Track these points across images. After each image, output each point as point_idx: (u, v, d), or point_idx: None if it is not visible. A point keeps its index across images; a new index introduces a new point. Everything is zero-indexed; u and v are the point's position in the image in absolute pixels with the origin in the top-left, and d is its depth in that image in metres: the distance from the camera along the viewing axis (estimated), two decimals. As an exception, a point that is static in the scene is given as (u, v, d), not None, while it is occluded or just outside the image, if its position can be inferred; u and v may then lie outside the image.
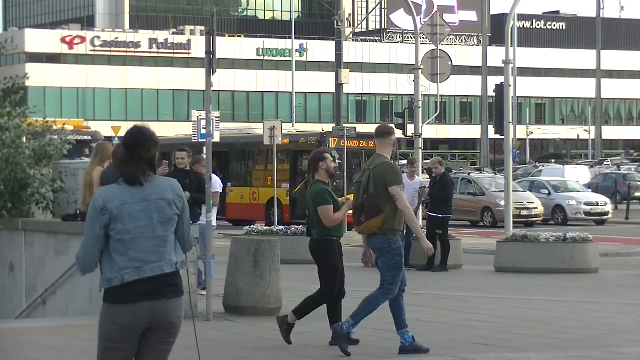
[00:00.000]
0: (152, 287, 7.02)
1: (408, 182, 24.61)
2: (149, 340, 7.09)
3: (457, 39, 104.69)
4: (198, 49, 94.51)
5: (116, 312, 7.00)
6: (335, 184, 12.56)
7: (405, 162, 36.69)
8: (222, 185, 21.17)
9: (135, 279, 6.99)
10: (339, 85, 50.50)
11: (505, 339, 13.81)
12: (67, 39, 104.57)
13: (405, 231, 24.17)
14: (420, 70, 32.81)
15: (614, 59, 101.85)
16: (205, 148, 17.87)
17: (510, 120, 29.32)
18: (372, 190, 12.13)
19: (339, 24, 56.17)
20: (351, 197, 14.17)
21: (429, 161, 29.14)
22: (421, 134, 32.03)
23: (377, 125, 13.50)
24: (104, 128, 59.85)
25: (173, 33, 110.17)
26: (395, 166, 13.11)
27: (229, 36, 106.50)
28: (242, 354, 12.87)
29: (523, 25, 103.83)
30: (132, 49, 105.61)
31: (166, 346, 7.17)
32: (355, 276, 20.60)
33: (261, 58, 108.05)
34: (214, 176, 18.77)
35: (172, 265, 7.07)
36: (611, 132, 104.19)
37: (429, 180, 25.64)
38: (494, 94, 31.89)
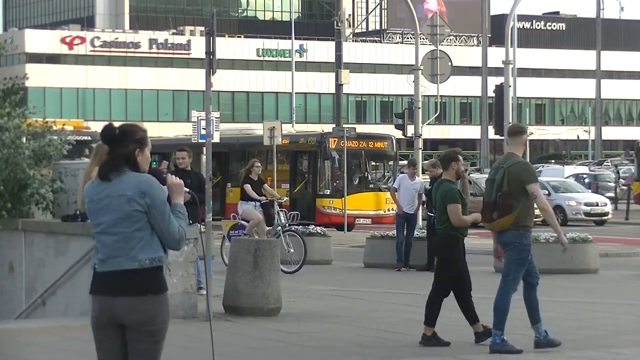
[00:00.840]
0: (112, 282, 6.99)
1: (409, 183, 24.68)
2: (128, 339, 7.04)
3: (456, 39, 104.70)
4: (198, 49, 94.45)
5: (92, 303, 7.08)
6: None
7: (405, 162, 36.65)
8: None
9: (100, 271, 7.02)
10: (338, 86, 50.56)
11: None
12: (67, 40, 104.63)
13: (405, 232, 24.27)
14: (420, 71, 32.85)
15: (613, 59, 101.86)
16: (205, 148, 17.89)
17: (510, 121, 29.37)
18: (506, 188, 12.25)
19: (339, 24, 56.21)
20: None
21: (425, 163, 29.14)
22: (421, 135, 32.07)
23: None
24: (103, 128, 59.79)
25: (173, 33, 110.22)
26: (530, 165, 13.35)
27: (228, 37, 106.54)
28: (242, 354, 12.87)
29: (523, 26, 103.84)
30: (132, 50, 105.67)
31: (145, 345, 7.04)
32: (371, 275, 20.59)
33: (261, 58, 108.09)
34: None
35: (135, 261, 6.96)
36: (611, 133, 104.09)
37: (430, 180, 25.67)
38: (493, 95, 31.99)
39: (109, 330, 7.02)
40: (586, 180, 55.18)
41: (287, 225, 22.67)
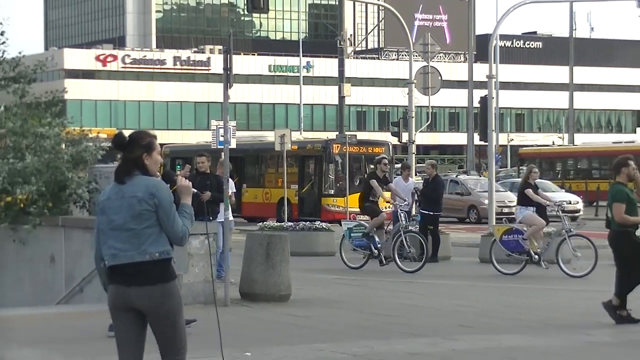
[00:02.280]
0: (126, 273, 7.05)
1: (403, 184, 24.66)
2: (149, 324, 7.12)
3: (446, 56, 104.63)
4: (217, 65, 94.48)
5: (108, 291, 7.14)
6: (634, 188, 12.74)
7: (400, 165, 36.68)
8: (234, 190, 21.03)
9: (112, 264, 7.07)
10: (341, 98, 50.51)
11: (488, 323, 13.81)
12: (101, 57, 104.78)
13: (399, 227, 24.25)
14: (414, 84, 32.82)
15: (584, 74, 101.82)
16: (223, 153, 17.89)
17: (493, 129, 29.33)
18: None
19: (341, 43, 56.13)
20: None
21: (424, 164, 29.13)
22: (414, 141, 32.03)
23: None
24: (133, 136, 59.84)
25: (194, 52, 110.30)
26: None
27: (244, 54, 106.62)
28: (257, 334, 12.88)
29: (504, 44, 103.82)
30: (158, 66, 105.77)
31: (163, 328, 7.09)
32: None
33: (272, 74, 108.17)
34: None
35: (146, 254, 7.01)
36: (582, 139, 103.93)
37: (422, 181, 25.69)
38: (478, 105, 31.85)
39: (124, 315, 7.08)
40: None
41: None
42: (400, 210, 24.19)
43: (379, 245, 20.24)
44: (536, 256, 19.75)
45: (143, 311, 7.04)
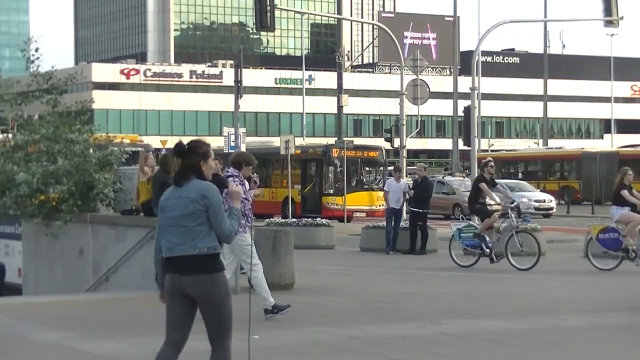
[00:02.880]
0: (180, 264, 7.19)
1: (395, 184, 24.68)
2: (200, 310, 7.27)
3: (433, 70, 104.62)
4: (228, 78, 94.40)
5: (166, 279, 7.29)
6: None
7: (392, 168, 36.65)
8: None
9: (168, 256, 7.22)
10: (339, 107, 50.58)
11: (471, 309, 13.80)
12: (125, 71, 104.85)
13: (393, 222, 24.27)
14: (405, 95, 32.81)
15: (557, 86, 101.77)
16: (234, 157, 17.88)
17: (476, 135, 29.35)
18: None
19: (340, 58, 56.13)
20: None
21: (415, 166, 29.10)
22: (405, 146, 32.02)
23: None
24: (153, 141, 59.89)
25: (209, 66, 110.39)
26: None
27: (252, 68, 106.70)
28: (264, 319, 12.87)
29: (485, 60, 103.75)
30: (176, 79, 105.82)
31: (210, 312, 7.24)
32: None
33: (278, 86, 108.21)
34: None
35: (196, 249, 7.13)
36: (556, 144, 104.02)
37: (412, 182, 25.66)
38: (462, 114, 31.89)
39: (179, 300, 7.22)
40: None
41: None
42: (393, 207, 24.22)
43: (490, 245, 19.24)
44: (633, 253, 18.68)
45: (193, 297, 7.20)
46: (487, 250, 19.25)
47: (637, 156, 52.51)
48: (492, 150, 59.92)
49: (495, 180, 20.07)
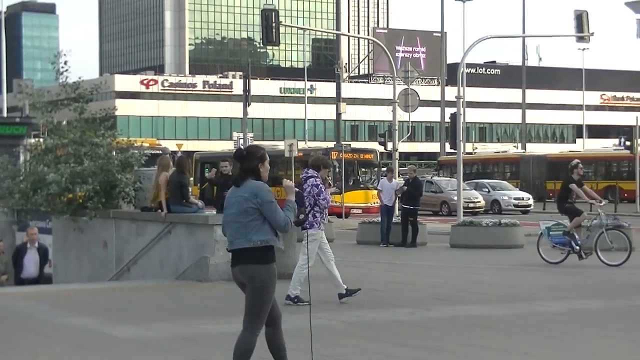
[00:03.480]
0: (236, 256, 7.41)
1: (388, 184, 24.67)
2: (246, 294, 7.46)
3: (422, 80, 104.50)
4: (238, 88, 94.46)
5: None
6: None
7: (385, 169, 36.66)
8: None
9: (229, 249, 7.46)
10: (338, 114, 50.49)
11: (457, 296, 13.79)
12: (144, 82, 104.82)
13: (387, 216, 24.25)
14: (397, 103, 32.79)
15: (534, 95, 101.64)
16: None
17: (461, 139, 29.32)
18: None
19: (339, 70, 56.06)
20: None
21: (406, 168, 29.08)
22: (397, 149, 31.99)
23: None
24: (170, 145, 59.85)
25: (220, 77, 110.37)
26: None
27: (259, 79, 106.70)
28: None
29: (470, 71, 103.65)
30: (191, 88, 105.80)
31: (251, 296, 7.36)
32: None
33: (283, 95, 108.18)
34: None
35: (250, 242, 7.29)
36: (533, 148, 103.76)
37: (404, 181, 25.64)
38: (449, 120, 31.88)
39: (241, 288, 7.48)
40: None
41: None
42: (386, 204, 24.18)
43: (579, 242, 18.39)
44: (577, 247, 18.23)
45: (244, 282, 7.38)
46: (577, 247, 18.41)
47: (561, 160, 54.44)
48: (447, 154, 59.94)
49: (582, 182, 18.96)
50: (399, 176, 32.07)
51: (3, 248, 18.84)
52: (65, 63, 21.03)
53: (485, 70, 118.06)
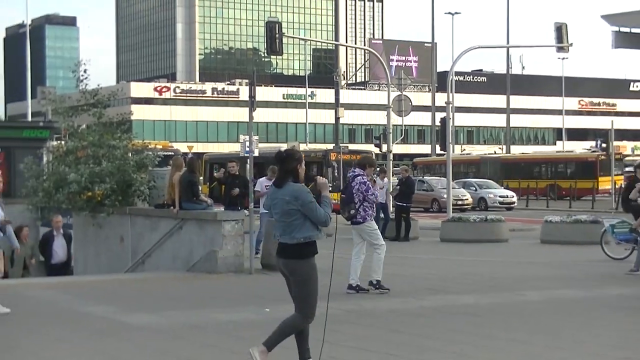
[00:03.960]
0: (282, 250, 7.52)
1: (381, 183, 24.66)
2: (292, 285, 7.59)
3: (415, 87, 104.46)
4: (244, 94, 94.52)
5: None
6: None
7: (378, 169, 36.65)
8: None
9: (279, 242, 7.55)
10: (337, 119, 50.49)
11: (447, 286, 13.77)
12: (158, 88, 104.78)
13: (382, 212, 24.21)
14: (391, 108, 32.76)
15: (518, 101, 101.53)
16: (248, 160, 17.87)
17: (450, 142, 29.27)
18: None
19: (337, 77, 56.05)
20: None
21: (398, 168, 29.04)
22: (391, 150, 31.96)
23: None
24: (182, 147, 59.88)
25: (227, 84, 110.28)
26: None
27: (264, 86, 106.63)
28: (275, 294, 12.85)
29: (458, 79, 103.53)
30: (201, 95, 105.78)
31: (296, 291, 7.55)
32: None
33: (285, 100, 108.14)
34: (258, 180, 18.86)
35: (294, 239, 7.42)
36: (517, 150, 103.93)
37: (397, 181, 25.63)
38: (439, 124, 31.82)
39: (285, 278, 7.63)
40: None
41: None
42: (380, 201, 24.13)
43: None
44: None
45: (288, 274, 7.52)
46: None
47: (512, 161, 59.17)
48: (417, 157, 60.21)
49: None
50: (393, 176, 32.01)
51: (27, 233, 18.81)
52: (85, 72, 21.03)
53: (473, 78, 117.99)
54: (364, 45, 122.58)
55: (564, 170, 55.27)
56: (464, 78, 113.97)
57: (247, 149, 17.85)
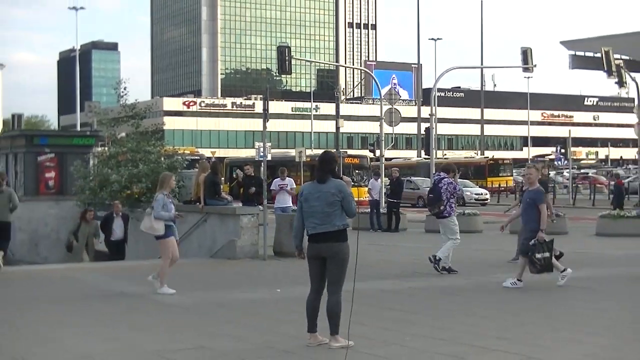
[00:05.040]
0: (322, 237, 7.39)
1: (375, 183, 24.63)
2: (327, 265, 7.46)
3: (404, 102, 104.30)
4: (258, 108, 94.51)
5: (308, 247, 7.53)
6: None
7: (374, 172, 36.53)
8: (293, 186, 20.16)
9: (313, 233, 7.41)
10: (337, 128, 50.43)
11: (431, 270, 13.70)
12: (186, 103, 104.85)
13: (375, 208, 24.15)
14: (383, 120, 32.71)
15: (490, 113, 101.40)
16: (262, 163, 17.83)
17: (434, 148, 29.22)
18: None
19: (337, 93, 55.96)
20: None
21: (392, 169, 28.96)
22: (383, 155, 31.93)
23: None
24: (206, 152, 59.84)
25: (245, 99, 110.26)
26: None
27: (276, 101, 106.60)
28: (286, 277, 12.81)
29: (440, 94, 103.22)
30: (222, 108, 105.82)
31: (335, 269, 7.43)
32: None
33: (294, 113, 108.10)
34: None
35: (335, 226, 7.34)
36: (489, 154, 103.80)
37: (389, 181, 25.57)
38: (424, 133, 31.78)
39: (316, 261, 7.48)
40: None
41: None
42: (375, 198, 24.05)
43: None
44: None
45: (327, 258, 7.39)
46: None
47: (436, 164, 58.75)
48: (374, 160, 60.22)
49: None
50: (386, 177, 31.93)
51: (93, 215, 18.54)
52: (125, 89, 21.04)
53: (452, 94, 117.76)
54: (360, 65, 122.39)
55: (465, 172, 55.73)
56: (445, 94, 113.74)
57: (262, 154, 17.84)
